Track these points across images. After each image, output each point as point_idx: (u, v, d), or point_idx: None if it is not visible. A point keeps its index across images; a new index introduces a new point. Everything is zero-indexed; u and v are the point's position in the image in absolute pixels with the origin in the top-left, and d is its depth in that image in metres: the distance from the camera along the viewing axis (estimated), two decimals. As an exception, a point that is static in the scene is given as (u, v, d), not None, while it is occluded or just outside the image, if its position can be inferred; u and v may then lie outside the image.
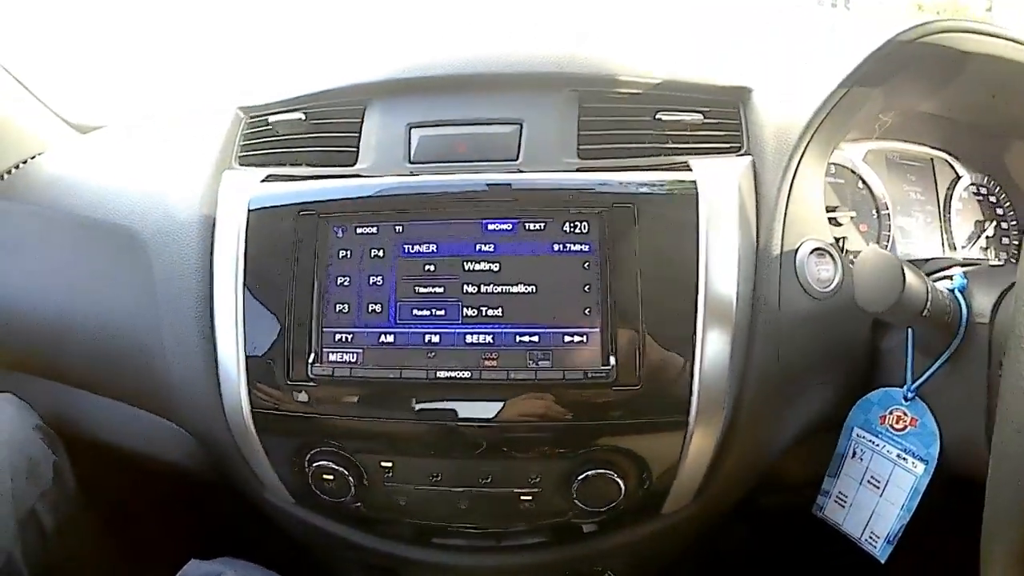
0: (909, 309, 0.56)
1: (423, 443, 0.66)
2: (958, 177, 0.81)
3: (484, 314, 0.64)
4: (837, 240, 0.71)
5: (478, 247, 0.64)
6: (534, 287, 0.64)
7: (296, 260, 0.67)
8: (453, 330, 0.64)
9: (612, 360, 0.62)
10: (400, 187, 0.67)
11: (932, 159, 0.78)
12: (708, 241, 0.64)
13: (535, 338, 0.63)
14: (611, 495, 0.65)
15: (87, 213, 0.80)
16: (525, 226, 0.64)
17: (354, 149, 0.72)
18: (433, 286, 0.65)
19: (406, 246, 0.65)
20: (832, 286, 0.67)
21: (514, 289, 0.64)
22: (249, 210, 0.69)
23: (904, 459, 0.69)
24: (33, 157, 0.91)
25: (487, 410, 0.64)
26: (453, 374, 0.63)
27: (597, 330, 0.63)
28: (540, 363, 0.63)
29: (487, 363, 0.63)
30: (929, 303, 0.56)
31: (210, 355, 0.70)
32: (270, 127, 0.76)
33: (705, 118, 0.70)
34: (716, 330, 0.63)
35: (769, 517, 0.88)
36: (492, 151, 0.69)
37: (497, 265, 0.64)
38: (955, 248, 0.80)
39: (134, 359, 0.75)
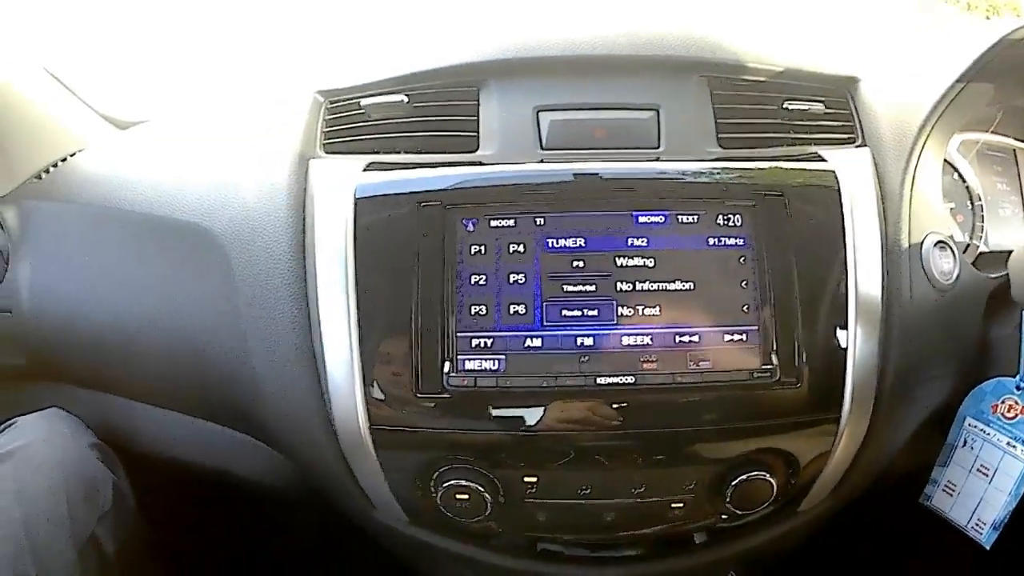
0: None
1: (575, 455, 0.60)
2: None
3: (641, 313, 0.59)
4: None
5: (630, 241, 0.60)
6: (691, 284, 0.59)
7: (419, 256, 0.59)
8: (608, 332, 0.59)
9: (774, 359, 0.59)
10: (540, 175, 0.61)
11: (1015, 150, 0.81)
12: (854, 234, 0.62)
13: (695, 338, 0.59)
14: (764, 496, 0.63)
15: (143, 210, 0.70)
16: (678, 218, 0.60)
17: (474, 134, 0.64)
18: (583, 284, 0.59)
19: (549, 240, 0.59)
20: (953, 278, 0.68)
21: (671, 286, 0.59)
22: (356, 200, 0.61)
23: (1013, 447, 0.71)
24: (72, 154, 0.82)
25: (650, 416, 0.59)
26: (614, 379, 0.58)
27: (756, 328, 0.60)
28: (701, 364, 0.59)
29: (646, 366, 0.59)
30: None
31: (309, 364, 0.62)
32: (361, 111, 0.67)
33: (826, 108, 0.68)
34: (865, 324, 0.62)
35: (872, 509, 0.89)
36: (631, 138, 0.64)
37: (652, 260, 0.59)
38: None
39: (211, 370, 0.66)
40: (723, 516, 0.65)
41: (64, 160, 0.83)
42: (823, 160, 0.65)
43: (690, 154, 0.63)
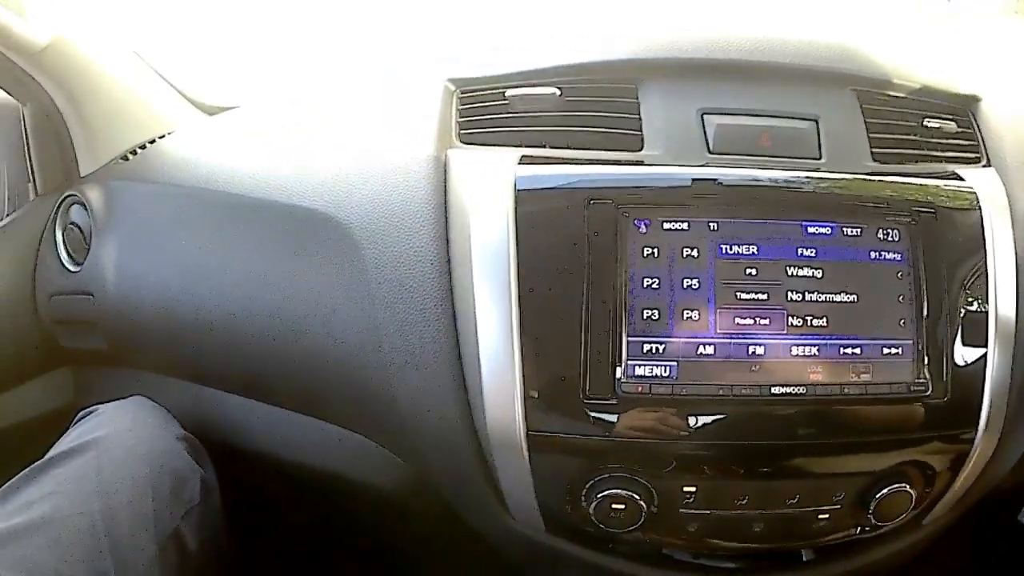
0: None
1: (741, 465, 0.60)
2: None
3: (809, 324, 0.59)
4: None
5: (800, 251, 0.59)
6: (855, 296, 0.60)
7: (589, 256, 0.57)
8: (779, 341, 0.58)
9: (927, 372, 0.61)
10: (713, 178, 0.60)
11: None
12: (994, 253, 0.64)
13: (857, 350, 0.60)
14: (902, 508, 0.64)
15: (243, 193, 0.66)
16: (844, 231, 0.60)
17: (638, 132, 0.63)
18: (756, 292, 0.58)
19: (723, 246, 0.59)
20: None
21: (837, 298, 0.59)
22: (517, 191, 0.58)
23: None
24: (161, 137, 0.81)
25: (815, 426, 0.59)
26: (788, 389, 0.58)
27: (911, 342, 0.61)
28: (863, 376, 0.59)
29: (813, 376, 0.59)
30: None
31: (453, 366, 0.59)
32: (505, 102, 0.64)
33: (957, 126, 0.70)
34: (1002, 341, 0.64)
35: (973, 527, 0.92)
36: (794, 147, 0.63)
37: (820, 271, 0.59)
38: None
39: (332, 368, 0.62)
40: (863, 528, 0.65)
41: (153, 142, 0.80)
42: (962, 180, 0.66)
43: (849, 166, 0.64)
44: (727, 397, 0.57)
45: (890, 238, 0.61)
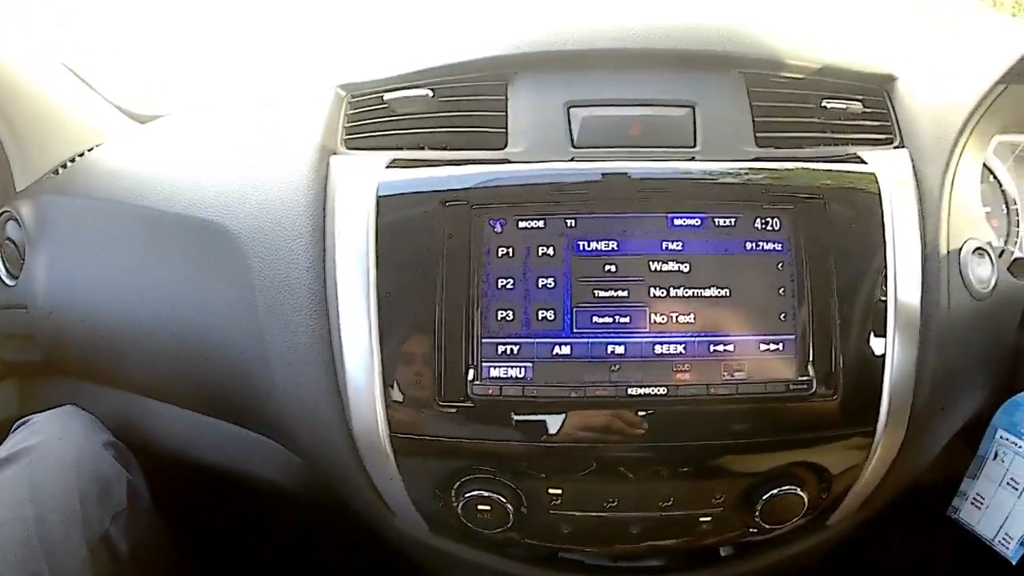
0: None
1: (601, 467, 0.58)
2: None
3: (675, 321, 0.56)
4: None
5: (664, 245, 0.57)
6: (727, 290, 0.57)
7: (444, 258, 0.56)
8: (640, 339, 0.56)
9: (811, 369, 0.57)
10: (571, 174, 0.58)
11: None
12: (894, 239, 0.60)
13: (730, 347, 0.57)
14: (794, 511, 0.61)
15: (161, 207, 0.68)
16: (715, 221, 0.57)
17: (502, 130, 0.61)
18: (615, 289, 0.56)
19: (580, 243, 0.57)
20: (990, 286, 0.65)
21: (706, 292, 0.57)
22: (379, 198, 0.58)
23: (1044, 459, 0.69)
24: (90, 149, 0.82)
25: (680, 428, 0.57)
26: (646, 390, 0.55)
27: (793, 337, 0.57)
28: (735, 374, 0.57)
29: (679, 376, 0.56)
30: None
31: (328, 368, 0.59)
32: (385, 106, 0.64)
33: (864, 107, 0.66)
34: (903, 333, 0.60)
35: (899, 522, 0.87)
36: (666, 136, 0.61)
37: (687, 265, 0.57)
38: None
39: (228, 372, 0.63)
40: (751, 531, 0.62)
41: (82, 155, 0.82)
42: (863, 162, 0.62)
43: (727, 154, 0.61)
44: (581, 399, 0.55)
45: (769, 227, 0.58)
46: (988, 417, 0.71)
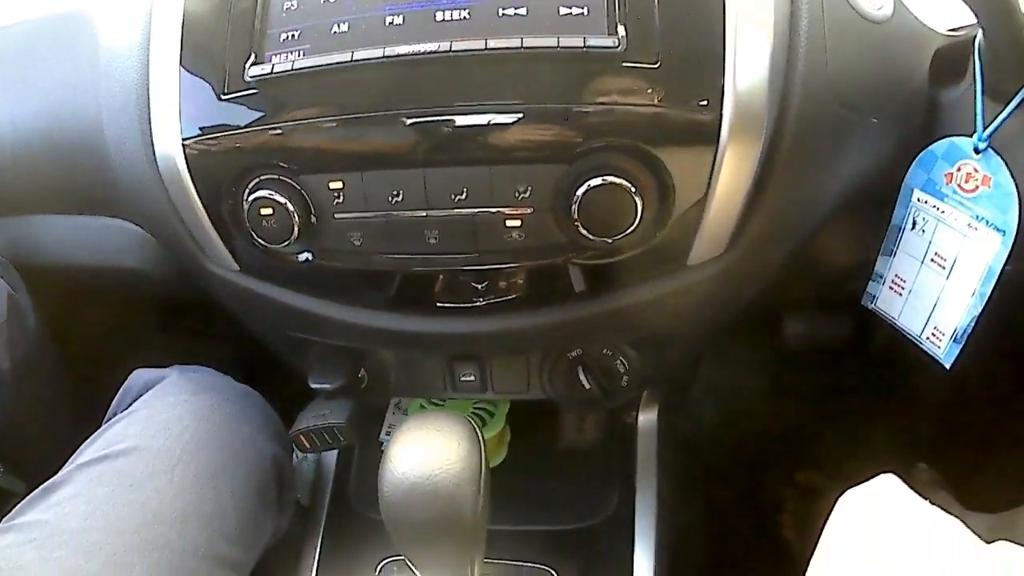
0: None
1: (376, 145, 0.52)
2: None
3: (457, -16, 0.51)
4: None
5: None
6: None
7: None
8: (420, 7, 0.51)
9: (621, 30, 0.49)
10: None
11: None
12: None
13: (521, 10, 0.50)
14: (624, 214, 0.51)
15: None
16: None
17: None
18: None
19: None
20: (890, 11, 0.55)
21: None
22: None
23: (975, 228, 0.55)
24: None
25: (453, 91, 0.50)
26: (416, 47, 0.50)
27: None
28: (527, 35, 0.50)
29: (461, 40, 0.50)
30: None
31: (144, 115, 0.58)
32: None
33: None
34: (751, 9, 0.50)
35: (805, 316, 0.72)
36: None
37: None
38: None
39: (84, 158, 0.65)
40: (575, 245, 0.53)
41: None
42: None
43: None
44: (345, 65, 0.50)
45: None
46: (901, 177, 0.58)
